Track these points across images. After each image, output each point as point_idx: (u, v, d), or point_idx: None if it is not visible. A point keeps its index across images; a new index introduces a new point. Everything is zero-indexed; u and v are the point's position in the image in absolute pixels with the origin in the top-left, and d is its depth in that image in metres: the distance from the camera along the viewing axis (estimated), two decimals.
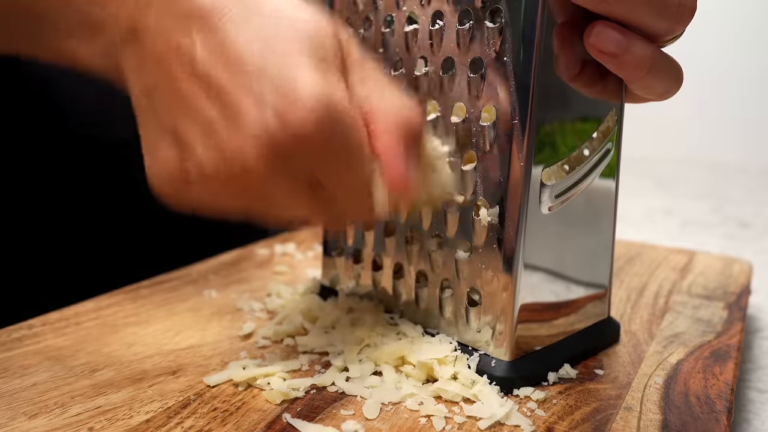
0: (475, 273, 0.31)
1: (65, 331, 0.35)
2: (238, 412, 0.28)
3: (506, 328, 0.30)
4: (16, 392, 0.29)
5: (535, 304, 0.30)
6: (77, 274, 0.51)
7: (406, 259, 0.34)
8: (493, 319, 0.30)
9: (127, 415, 0.27)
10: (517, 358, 0.30)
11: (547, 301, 0.31)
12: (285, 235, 0.53)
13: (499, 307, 0.30)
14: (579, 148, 0.30)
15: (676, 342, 0.36)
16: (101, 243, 0.53)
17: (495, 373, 0.30)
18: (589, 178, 0.31)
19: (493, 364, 0.30)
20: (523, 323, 0.30)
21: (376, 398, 0.28)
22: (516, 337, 0.30)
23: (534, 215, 0.29)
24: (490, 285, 0.30)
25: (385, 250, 0.36)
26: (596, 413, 0.28)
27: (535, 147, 0.28)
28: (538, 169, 0.29)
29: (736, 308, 0.41)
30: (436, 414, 0.28)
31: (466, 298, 0.31)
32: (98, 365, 0.31)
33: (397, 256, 0.35)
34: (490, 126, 0.29)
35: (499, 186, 0.29)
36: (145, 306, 0.39)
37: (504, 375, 0.30)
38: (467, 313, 0.31)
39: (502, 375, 0.30)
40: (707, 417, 0.28)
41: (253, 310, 0.39)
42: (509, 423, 0.27)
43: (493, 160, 0.29)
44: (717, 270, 0.48)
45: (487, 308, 0.30)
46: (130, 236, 0.55)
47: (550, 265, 0.31)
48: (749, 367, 0.42)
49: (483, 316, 0.31)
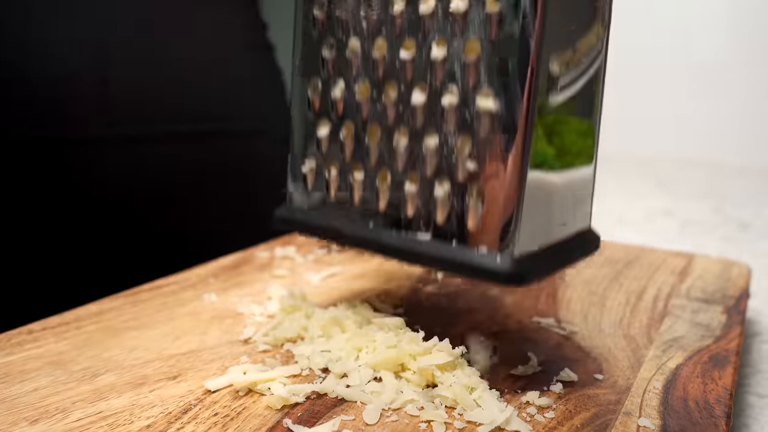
0: (476, 167, 0.30)
1: (66, 336, 0.35)
2: (238, 417, 0.28)
3: (511, 222, 0.29)
4: (16, 397, 0.29)
5: (534, 200, 0.29)
6: (77, 278, 0.52)
7: (391, 159, 0.33)
8: (496, 214, 0.29)
9: (128, 421, 0.27)
10: (522, 254, 0.29)
11: (545, 200, 0.30)
12: (285, 238, 0.53)
13: (502, 200, 0.29)
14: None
15: (675, 346, 0.36)
16: (101, 247, 0.54)
17: (501, 268, 0.29)
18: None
19: (499, 260, 0.29)
20: (526, 218, 0.29)
21: (376, 404, 0.29)
22: (520, 231, 0.29)
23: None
24: (494, 179, 0.29)
25: (367, 153, 0.34)
26: (595, 418, 0.28)
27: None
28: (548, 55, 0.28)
29: (735, 312, 0.41)
30: (436, 419, 0.28)
31: (465, 196, 0.30)
32: (99, 370, 0.32)
33: (380, 160, 0.33)
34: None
35: (507, 73, 0.28)
36: (146, 310, 0.39)
37: (511, 269, 0.29)
38: (466, 211, 0.30)
39: (508, 269, 0.29)
40: (706, 422, 0.28)
41: (253, 314, 0.39)
42: (509, 428, 0.27)
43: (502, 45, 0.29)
44: (716, 273, 0.48)
45: (490, 202, 0.29)
46: (130, 240, 0.55)
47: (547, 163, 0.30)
48: (748, 371, 0.42)
49: (485, 212, 0.30)
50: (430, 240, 0.32)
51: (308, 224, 0.37)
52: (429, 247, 0.32)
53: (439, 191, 0.31)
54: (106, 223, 0.53)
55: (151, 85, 0.54)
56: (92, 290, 0.41)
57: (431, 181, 0.31)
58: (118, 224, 0.53)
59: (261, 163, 0.61)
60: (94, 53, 0.50)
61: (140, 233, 0.55)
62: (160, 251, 0.55)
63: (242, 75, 0.60)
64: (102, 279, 0.47)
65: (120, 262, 0.54)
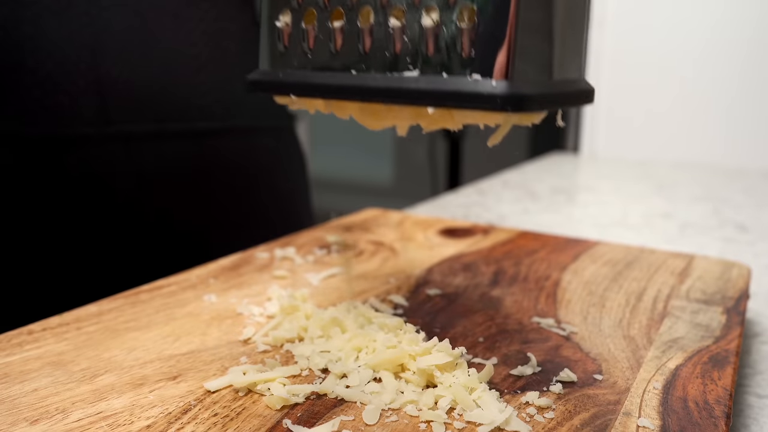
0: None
1: (66, 336, 0.35)
2: (238, 417, 0.28)
3: (507, 47, 0.27)
4: (16, 398, 0.29)
5: (530, 25, 0.28)
6: (77, 278, 0.52)
7: None
8: (490, 39, 0.27)
9: (128, 421, 0.27)
10: (518, 80, 0.27)
11: (541, 27, 0.28)
12: (285, 239, 0.53)
13: (496, 24, 0.27)
14: None
15: (675, 347, 0.36)
16: (99, 247, 0.54)
17: (498, 92, 0.27)
18: None
19: (495, 84, 0.27)
20: (522, 42, 0.27)
21: (376, 404, 0.29)
22: (516, 56, 0.27)
23: None
24: (486, 2, 0.27)
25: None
26: (595, 418, 0.28)
27: None
28: None
29: (735, 313, 0.41)
30: (436, 420, 0.28)
31: (457, 22, 0.28)
32: (99, 370, 0.32)
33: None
34: None
35: None
36: (145, 311, 0.39)
37: (508, 92, 0.27)
38: (458, 38, 0.28)
39: (505, 92, 0.27)
40: (706, 422, 0.28)
41: (253, 315, 0.39)
42: (509, 429, 0.27)
43: None
44: (715, 274, 0.48)
45: (484, 27, 0.27)
46: (128, 242, 0.55)
47: None
48: (748, 372, 0.42)
49: (478, 37, 0.28)
50: (420, 75, 0.29)
51: (285, 83, 0.34)
52: (418, 82, 0.29)
53: (427, 21, 0.29)
54: (103, 223, 0.53)
55: (146, 82, 0.53)
56: (91, 291, 0.42)
57: (418, 12, 0.29)
58: (115, 224, 0.53)
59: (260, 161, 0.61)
60: (90, 50, 0.50)
61: (139, 233, 0.55)
62: (159, 251, 0.55)
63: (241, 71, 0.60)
64: (101, 279, 0.47)
65: (119, 262, 0.54)
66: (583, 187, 1.14)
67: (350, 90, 0.32)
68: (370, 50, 0.31)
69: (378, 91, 0.31)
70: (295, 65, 0.34)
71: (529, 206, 0.92)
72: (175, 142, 0.55)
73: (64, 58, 0.49)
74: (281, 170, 0.64)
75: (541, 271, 0.48)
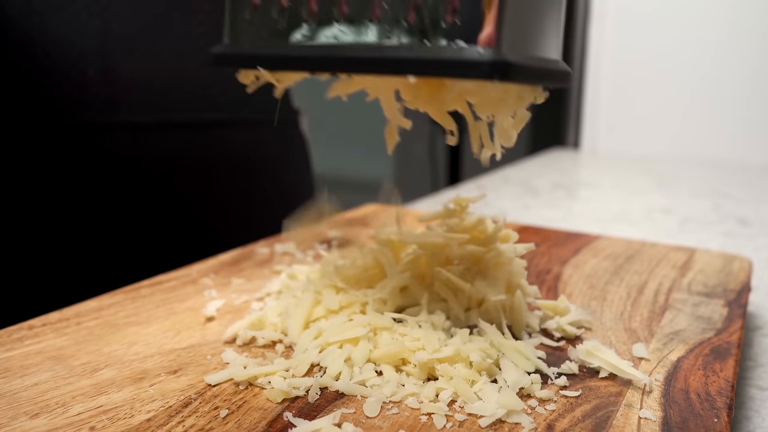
0: None
1: (66, 331, 0.35)
2: (239, 410, 0.28)
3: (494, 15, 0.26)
4: (17, 392, 0.29)
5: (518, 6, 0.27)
6: (78, 274, 0.52)
7: None
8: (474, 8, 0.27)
9: (128, 414, 0.27)
10: (505, 48, 0.26)
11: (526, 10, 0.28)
12: (285, 234, 0.53)
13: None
14: None
15: (677, 339, 0.36)
16: (101, 242, 0.53)
17: (485, 58, 0.26)
18: None
19: (481, 51, 0.26)
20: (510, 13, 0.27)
21: (377, 397, 0.29)
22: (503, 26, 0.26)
23: None
24: None
25: None
26: (597, 410, 0.28)
27: None
28: None
29: (737, 305, 0.41)
30: (437, 412, 0.28)
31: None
32: (99, 365, 0.32)
33: None
34: None
35: None
36: (146, 306, 0.39)
37: (495, 59, 0.26)
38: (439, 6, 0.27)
39: (491, 59, 0.26)
40: (707, 414, 0.28)
41: (253, 310, 0.39)
42: (510, 420, 0.27)
43: None
44: (717, 267, 0.48)
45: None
46: (130, 236, 0.55)
47: None
48: (749, 364, 0.42)
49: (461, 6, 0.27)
50: (402, 44, 0.28)
51: (256, 56, 0.31)
52: (401, 51, 0.28)
53: None
54: (106, 216, 0.53)
55: (153, 72, 0.53)
56: (92, 285, 0.41)
57: None
58: (118, 217, 0.53)
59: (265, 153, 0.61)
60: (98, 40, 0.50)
61: (144, 223, 0.54)
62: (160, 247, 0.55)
63: None
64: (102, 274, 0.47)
65: (120, 256, 0.54)
66: (583, 182, 1.14)
67: (330, 62, 0.29)
68: (347, 16, 0.29)
69: (359, 62, 0.29)
70: (264, 37, 0.31)
71: (530, 202, 0.92)
72: (182, 133, 0.55)
73: (72, 47, 0.49)
74: (286, 163, 0.65)
75: (542, 265, 0.48)
